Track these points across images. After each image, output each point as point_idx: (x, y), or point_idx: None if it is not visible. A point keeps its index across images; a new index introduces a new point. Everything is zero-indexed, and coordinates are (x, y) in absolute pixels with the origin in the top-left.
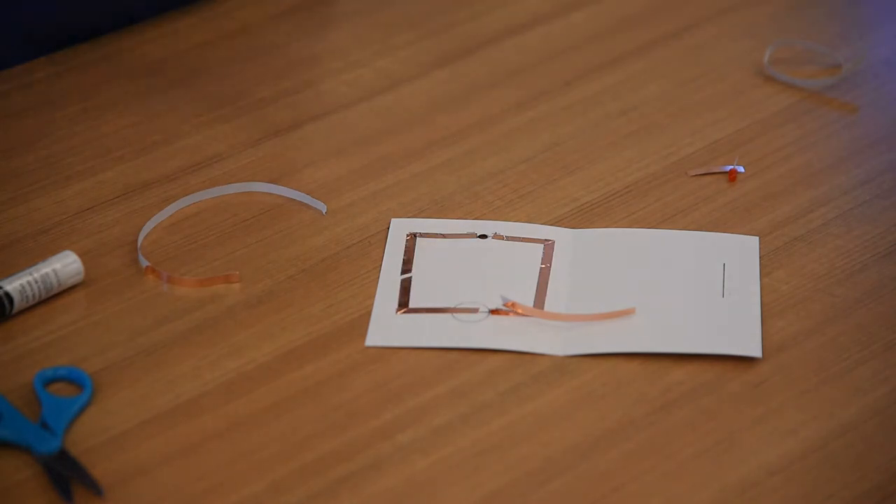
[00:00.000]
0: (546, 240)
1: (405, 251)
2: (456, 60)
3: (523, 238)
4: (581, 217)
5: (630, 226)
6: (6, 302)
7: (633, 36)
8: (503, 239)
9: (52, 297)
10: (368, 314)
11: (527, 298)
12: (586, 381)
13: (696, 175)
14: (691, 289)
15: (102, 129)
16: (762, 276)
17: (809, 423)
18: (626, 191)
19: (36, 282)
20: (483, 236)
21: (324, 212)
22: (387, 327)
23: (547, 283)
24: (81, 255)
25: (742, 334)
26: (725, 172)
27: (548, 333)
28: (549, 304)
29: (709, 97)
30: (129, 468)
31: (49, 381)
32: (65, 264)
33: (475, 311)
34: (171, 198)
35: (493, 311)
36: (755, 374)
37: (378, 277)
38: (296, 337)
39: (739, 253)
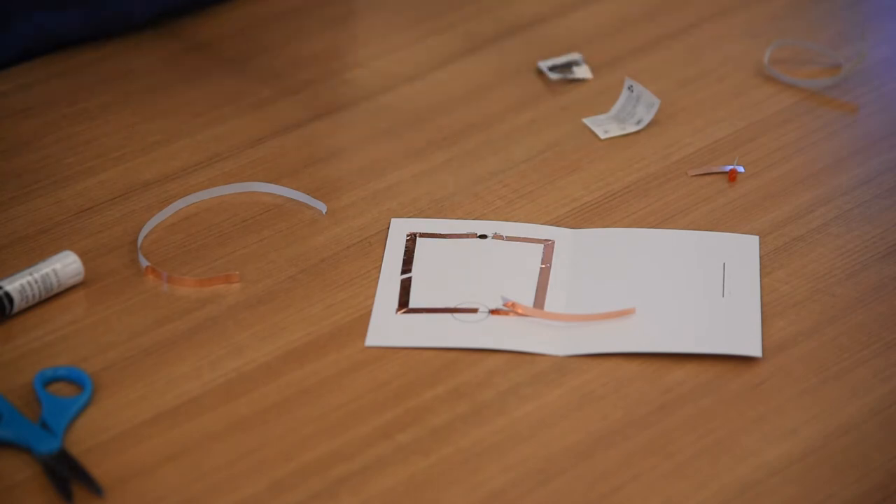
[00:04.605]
0: (546, 240)
1: (405, 251)
2: (456, 60)
3: (523, 238)
4: (581, 217)
5: (630, 226)
6: (6, 302)
7: (633, 36)
8: (503, 239)
9: (52, 297)
10: (368, 314)
11: (527, 298)
12: (586, 381)
13: (696, 175)
14: (691, 289)
15: (102, 129)
16: (762, 276)
17: (809, 423)
18: (626, 191)
19: (36, 282)
20: (483, 236)
21: (324, 212)
22: (387, 327)
23: (547, 283)
24: (81, 255)
25: (742, 334)
26: (725, 172)
27: (548, 333)
28: (549, 304)
29: (709, 97)
30: (129, 468)
31: (49, 381)
32: (65, 264)
33: (475, 311)
34: (171, 198)
35: (493, 311)
36: (755, 374)
37: (378, 277)
38: (296, 337)
39: (739, 253)
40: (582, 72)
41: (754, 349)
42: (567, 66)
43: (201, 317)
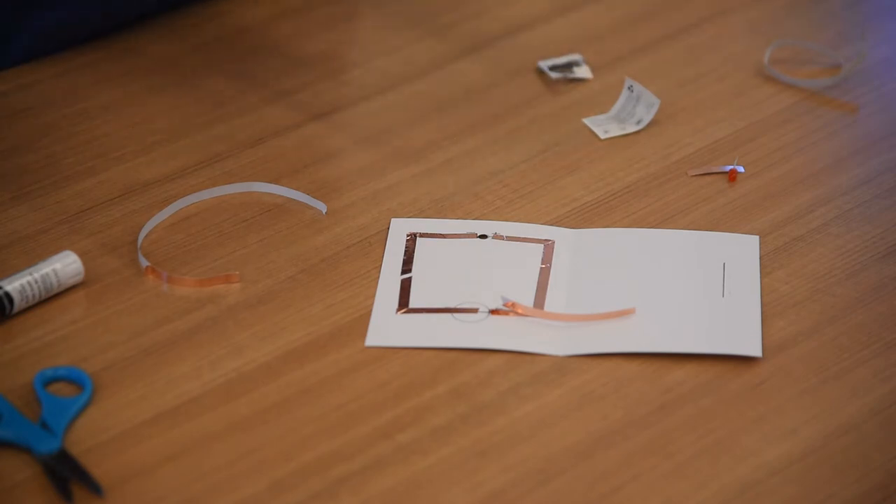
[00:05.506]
0: (546, 240)
1: (405, 251)
2: (456, 60)
3: (523, 238)
4: (581, 217)
5: (630, 226)
6: (6, 302)
7: (633, 36)
8: (503, 239)
9: (52, 297)
10: (368, 314)
11: (527, 298)
12: (586, 381)
13: (696, 175)
14: (691, 289)
15: (102, 129)
16: (762, 276)
17: (809, 423)
18: (626, 191)
19: (36, 282)
20: (483, 236)
21: (324, 212)
22: (387, 327)
23: (547, 283)
24: (81, 255)
25: (742, 334)
26: (725, 172)
27: (548, 333)
28: (549, 304)
29: (709, 97)
30: (129, 468)
31: (49, 381)
32: (65, 264)
33: (475, 311)
34: (171, 198)
35: (493, 311)
36: (755, 374)
37: (378, 277)
38: (296, 337)
39: (739, 253)
40: (582, 72)
41: (754, 349)
42: (567, 66)
43: (201, 317)
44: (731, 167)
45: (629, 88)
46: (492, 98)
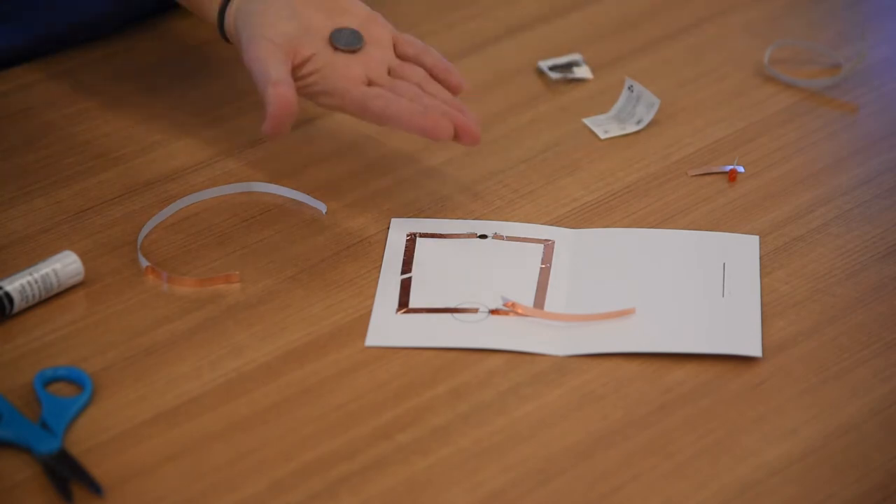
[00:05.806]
0: (546, 240)
1: (405, 251)
2: (456, 60)
3: (523, 238)
4: (581, 217)
5: (630, 226)
6: (6, 302)
7: (633, 36)
8: (503, 239)
9: (52, 297)
10: (368, 314)
11: (527, 298)
12: (586, 381)
13: (696, 175)
14: (691, 289)
15: (102, 129)
16: (762, 276)
17: (809, 423)
18: (626, 191)
19: (36, 282)
20: (483, 236)
21: (324, 212)
22: (387, 327)
23: (547, 283)
24: (81, 255)
25: (742, 334)
26: (725, 172)
27: (548, 333)
28: (549, 304)
29: (709, 97)
30: (129, 468)
31: (49, 381)
32: (65, 264)
33: (475, 311)
34: (171, 198)
35: (493, 311)
36: (755, 374)
37: (378, 277)
38: (296, 337)
39: (739, 253)
40: (582, 72)
41: (754, 349)
42: (567, 66)
43: (201, 317)
44: (731, 167)
45: (629, 88)
46: (492, 98)
